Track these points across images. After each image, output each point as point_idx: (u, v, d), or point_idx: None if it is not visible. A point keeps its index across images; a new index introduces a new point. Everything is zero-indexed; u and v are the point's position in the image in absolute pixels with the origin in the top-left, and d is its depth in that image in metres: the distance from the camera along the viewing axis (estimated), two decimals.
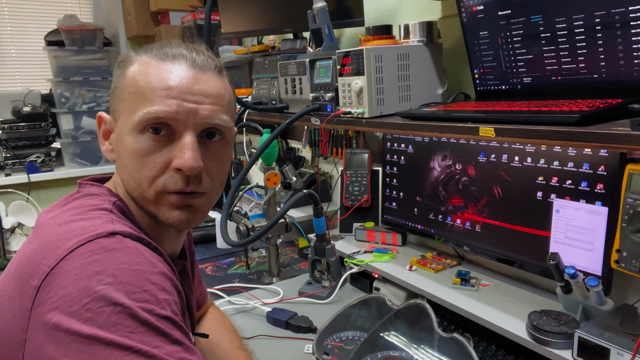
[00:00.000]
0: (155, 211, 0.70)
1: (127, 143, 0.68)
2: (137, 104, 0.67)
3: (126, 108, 0.69)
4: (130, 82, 0.69)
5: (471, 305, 1.11)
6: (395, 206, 1.52)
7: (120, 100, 0.71)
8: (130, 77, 0.70)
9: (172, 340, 0.57)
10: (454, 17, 1.25)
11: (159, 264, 0.62)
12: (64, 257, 0.57)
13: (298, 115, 1.27)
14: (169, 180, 0.68)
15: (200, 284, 1.07)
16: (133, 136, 0.67)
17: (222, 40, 2.18)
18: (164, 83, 0.67)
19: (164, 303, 0.58)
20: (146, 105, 0.66)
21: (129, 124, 0.68)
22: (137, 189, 0.69)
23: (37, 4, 2.94)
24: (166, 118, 0.66)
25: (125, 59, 0.73)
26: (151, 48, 0.72)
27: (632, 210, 0.83)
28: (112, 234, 0.61)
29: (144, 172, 0.68)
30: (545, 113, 0.81)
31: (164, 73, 0.68)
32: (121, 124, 0.70)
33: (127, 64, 0.71)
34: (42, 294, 0.56)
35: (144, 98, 0.67)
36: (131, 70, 0.70)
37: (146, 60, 0.70)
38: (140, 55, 0.72)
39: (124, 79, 0.71)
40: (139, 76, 0.68)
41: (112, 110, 0.73)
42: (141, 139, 0.67)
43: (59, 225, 0.63)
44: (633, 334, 0.84)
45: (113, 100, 0.73)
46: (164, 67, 0.68)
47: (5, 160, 2.61)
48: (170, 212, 0.70)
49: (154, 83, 0.67)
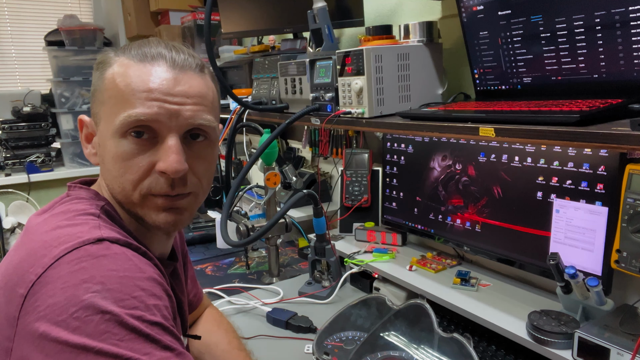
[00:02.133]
0: (142, 214, 0.69)
1: (109, 147, 0.67)
2: (117, 108, 0.66)
3: (107, 112, 0.68)
4: (109, 84, 0.67)
5: (471, 305, 1.11)
6: (395, 206, 1.52)
7: (100, 103, 0.69)
8: (110, 79, 0.68)
9: (162, 346, 0.56)
10: (454, 17, 1.24)
11: (147, 269, 0.61)
12: (51, 265, 0.56)
13: (298, 115, 1.27)
14: (153, 184, 0.67)
15: (195, 285, 1.06)
16: (115, 140, 0.66)
17: (222, 40, 2.18)
18: (144, 85, 0.65)
19: (154, 309, 0.58)
20: (127, 108, 0.65)
21: (110, 128, 0.66)
22: (121, 192, 0.68)
23: (37, 4, 2.94)
24: (148, 121, 0.65)
25: (104, 60, 0.70)
26: (129, 48, 0.70)
27: (632, 210, 0.83)
28: (100, 240, 0.60)
29: (128, 176, 0.67)
30: (545, 113, 0.81)
31: (143, 75, 0.66)
32: (103, 127, 0.69)
33: (106, 65, 0.69)
34: (29, 302, 0.55)
35: (124, 101, 0.65)
36: (110, 72, 0.68)
37: (125, 62, 0.68)
38: (119, 56, 0.69)
39: (102, 82, 0.69)
40: (119, 78, 0.67)
41: (93, 113, 0.71)
42: (124, 143, 0.66)
43: (46, 232, 0.62)
44: (633, 334, 0.84)
45: (93, 103, 0.71)
46: (143, 69, 0.67)
47: (5, 160, 2.61)
48: (157, 214, 0.69)
49: (133, 85, 0.65)
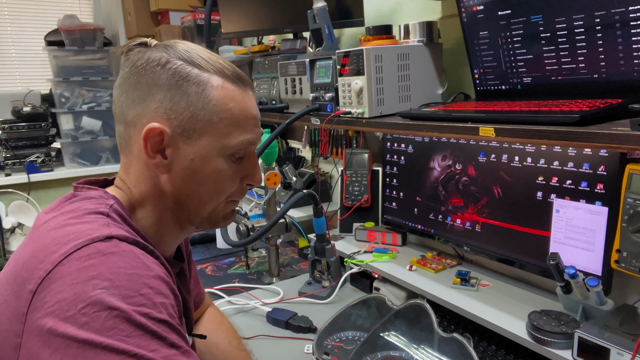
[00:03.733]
0: (214, 216, 0.78)
1: (214, 165, 0.73)
2: (231, 130, 0.72)
3: (217, 131, 0.71)
4: (221, 107, 0.71)
5: (471, 305, 1.11)
6: (395, 206, 1.52)
7: (207, 121, 0.70)
8: (219, 101, 0.70)
9: (168, 343, 0.57)
10: (454, 17, 1.24)
11: (155, 268, 0.62)
12: (60, 261, 0.57)
13: (298, 115, 1.27)
14: (237, 192, 0.78)
15: (198, 284, 1.07)
16: (223, 159, 0.73)
17: (222, 40, 2.18)
18: (250, 113, 0.74)
19: (161, 306, 0.58)
20: (241, 133, 0.73)
21: (218, 145, 0.72)
22: (208, 203, 0.75)
23: (37, 4, 2.94)
24: (254, 145, 0.76)
25: (192, 79, 0.70)
26: (220, 67, 0.72)
27: (632, 210, 0.83)
28: (109, 237, 0.60)
29: (225, 191, 0.76)
30: (545, 113, 0.81)
31: (248, 102, 0.75)
32: (206, 144, 0.71)
33: (201, 84, 0.69)
34: (38, 298, 0.56)
35: (239, 126, 0.73)
36: (215, 93, 0.70)
37: (227, 86, 0.72)
38: (210, 74, 0.70)
39: (206, 100, 0.69)
40: (231, 103, 0.71)
41: (185, 127, 0.70)
42: (229, 163, 0.74)
43: (55, 229, 0.63)
44: (633, 334, 0.84)
45: (191, 119, 0.70)
46: (245, 95, 0.74)
47: (5, 160, 2.61)
48: (227, 217, 0.80)
49: (247, 113, 0.74)
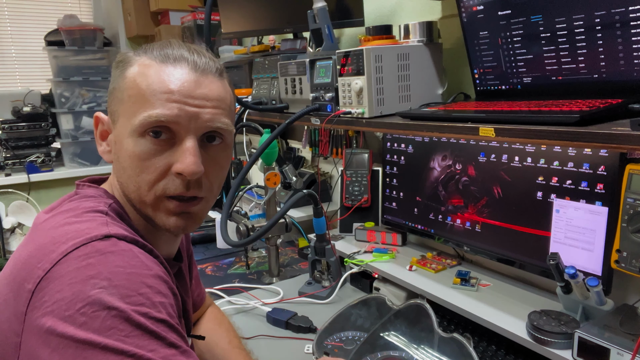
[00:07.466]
0: (153, 215, 0.70)
1: (126, 146, 0.68)
2: (137, 107, 0.66)
3: (126, 110, 0.68)
4: (130, 84, 0.68)
5: (471, 305, 1.11)
6: (395, 206, 1.52)
7: (120, 102, 0.69)
8: (130, 79, 0.68)
9: (167, 343, 0.57)
10: (454, 17, 1.24)
11: (154, 267, 0.62)
12: (59, 260, 0.57)
13: (298, 115, 1.27)
14: (169, 184, 0.68)
15: (199, 285, 1.07)
16: (133, 139, 0.67)
17: (222, 40, 2.18)
18: (165, 86, 0.66)
19: (160, 306, 0.58)
20: (147, 108, 0.66)
21: (128, 126, 0.67)
22: (135, 192, 0.69)
23: (37, 4, 2.94)
24: (167, 122, 0.66)
25: (124, 59, 0.71)
26: (151, 48, 0.71)
27: (632, 210, 0.83)
28: (107, 236, 0.60)
29: (144, 176, 0.67)
30: (545, 113, 0.81)
31: (165, 76, 0.67)
32: (120, 126, 0.69)
33: (126, 64, 0.70)
34: (37, 298, 0.56)
35: (144, 101, 0.66)
36: (131, 71, 0.69)
37: (146, 62, 0.69)
38: (140, 56, 0.70)
39: (123, 81, 0.69)
40: (139, 78, 0.67)
41: (111, 111, 0.72)
42: (141, 143, 0.66)
43: (54, 228, 0.63)
44: (633, 334, 0.84)
45: (111, 101, 0.71)
46: (165, 70, 0.67)
47: (5, 160, 2.61)
48: (168, 218, 0.70)
49: (155, 86, 0.66)
